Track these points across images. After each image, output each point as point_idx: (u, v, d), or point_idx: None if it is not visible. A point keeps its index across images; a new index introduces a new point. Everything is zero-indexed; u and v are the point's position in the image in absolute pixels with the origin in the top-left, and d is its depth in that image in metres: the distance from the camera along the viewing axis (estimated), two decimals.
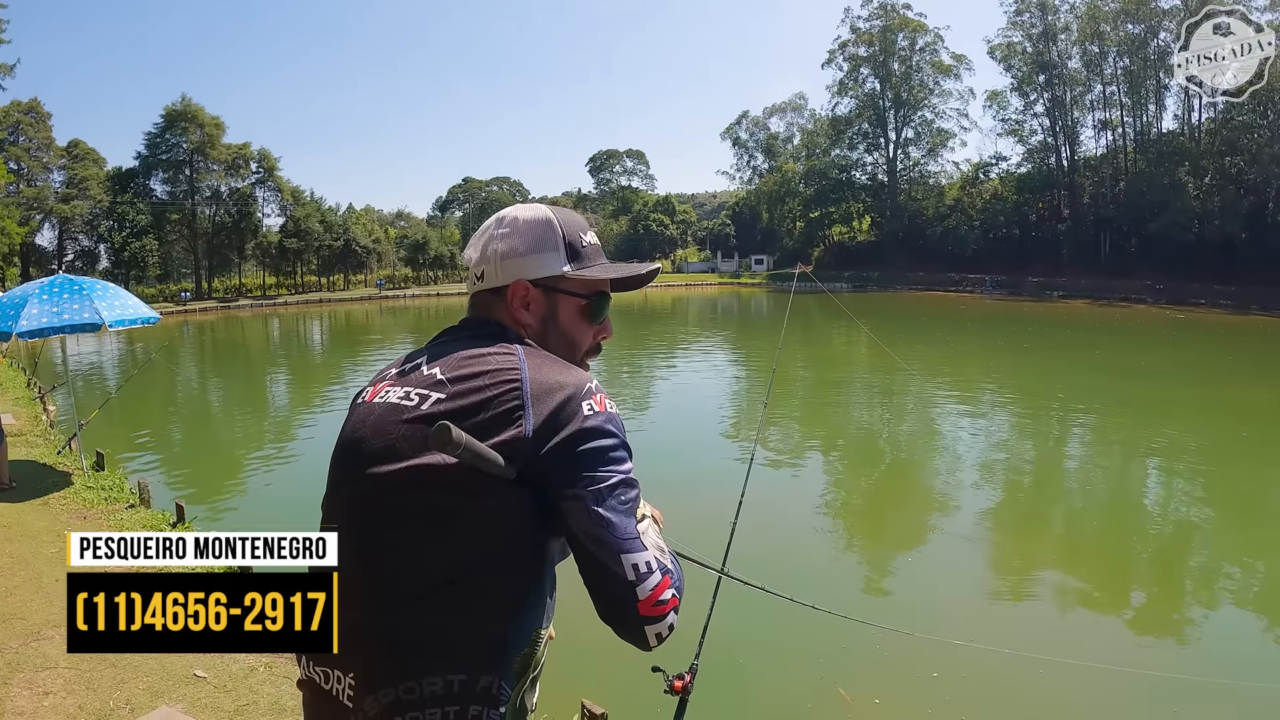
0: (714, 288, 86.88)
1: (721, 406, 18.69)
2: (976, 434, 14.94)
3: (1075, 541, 9.82)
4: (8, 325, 9.61)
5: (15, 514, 8.59)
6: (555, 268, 1.58)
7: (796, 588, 7.87)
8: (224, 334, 51.77)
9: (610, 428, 1.40)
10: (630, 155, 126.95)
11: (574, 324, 1.62)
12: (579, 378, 1.43)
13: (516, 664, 1.37)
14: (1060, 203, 74.25)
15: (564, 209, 1.67)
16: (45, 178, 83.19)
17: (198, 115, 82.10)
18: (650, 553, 1.37)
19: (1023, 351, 28.59)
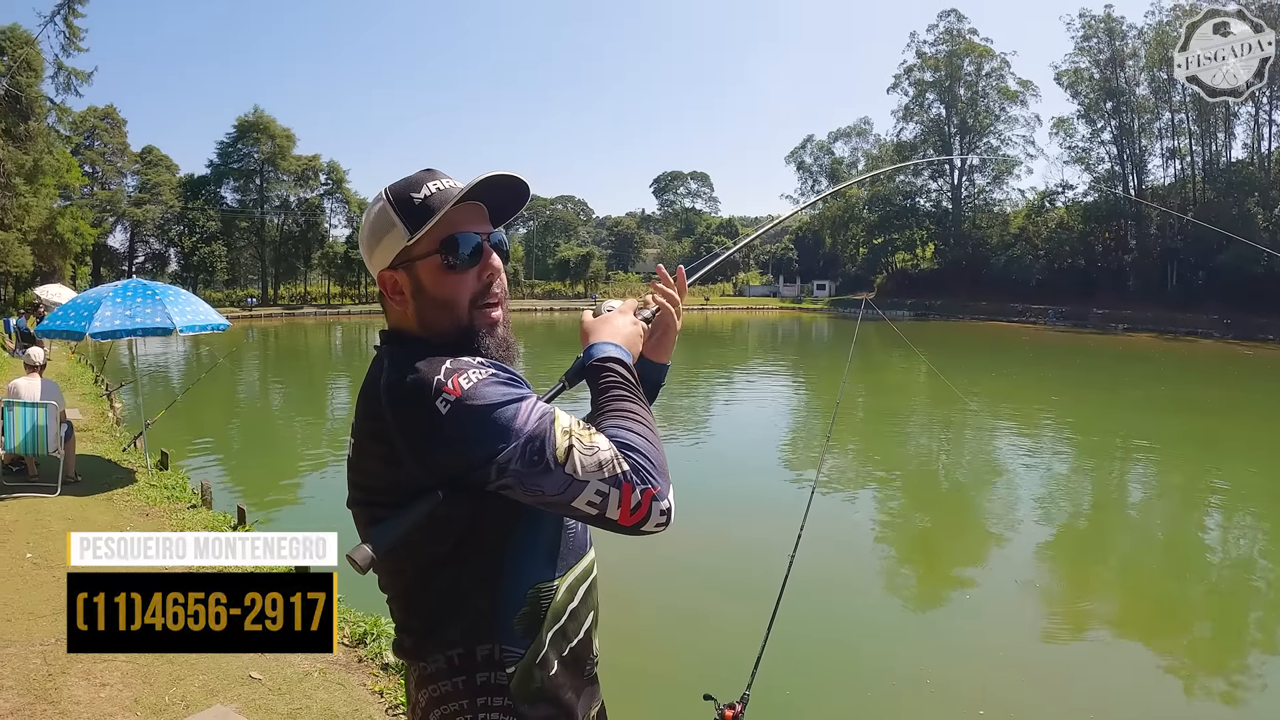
0: (775, 312, 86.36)
1: (780, 435, 18.46)
2: (1035, 469, 14.56)
3: (1133, 587, 9.38)
4: (81, 325, 9.89)
5: (79, 507, 8.78)
6: (399, 242, 1.52)
7: (849, 621, 7.86)
8: (288, 340, 52.60)
9: (473, 404, 1.35)
10: (694, 177, 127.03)
11: (440, 283, 1.52)
12: (427, 375, 1.38)
13: (518, 626, 1.46)
14: (1126, 233, 72.57)
15: (400, 180, 1.59)
16: (119, 182, 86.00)
17: (269, 127, 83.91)
18: (593, 481, 1.33)
19: (1084, 385, 27.96)
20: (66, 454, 9.65)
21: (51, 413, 9.36)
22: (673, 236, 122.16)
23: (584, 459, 1.34)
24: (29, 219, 48.10)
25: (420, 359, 1.41)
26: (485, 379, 1.38)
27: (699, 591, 8.63)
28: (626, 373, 1.56)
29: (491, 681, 1.44)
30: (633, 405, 1.48)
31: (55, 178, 53.29)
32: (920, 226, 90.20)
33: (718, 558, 9.62)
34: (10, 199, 45.77)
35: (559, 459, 1.33)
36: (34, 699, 4.60)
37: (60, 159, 55.19)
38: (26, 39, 46.93)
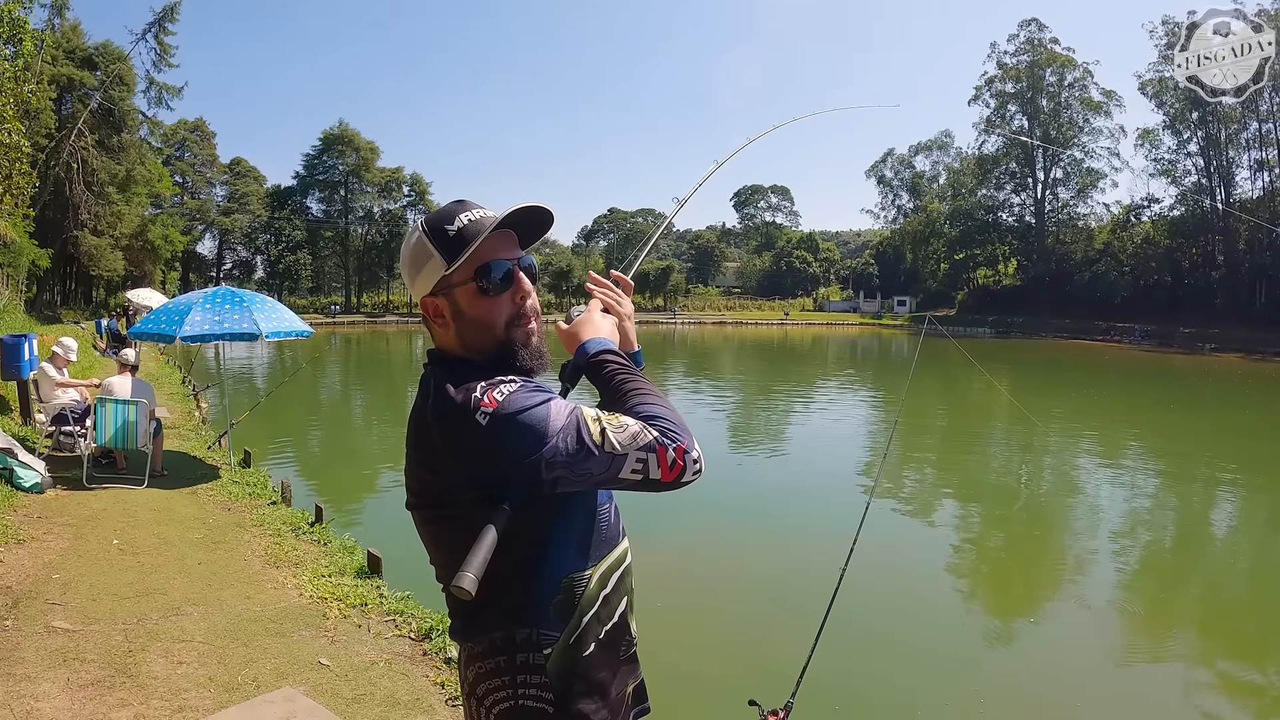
0: (855, 328, 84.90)
1: (851, 451, 18.18)
2: (1114, 495, 13.95)
3: (1211, 621, 8.89)
4: (172, 329, 10.27)
5: (165, 500, 9.11)
6: (437, 271, 1.63)
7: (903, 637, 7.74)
8: (369, 347, 53.53)
9: (509, 412, 1.50)
10: (775, 191, 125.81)
11: (477, 307, 1.65)
12: (465, 394, 1.53)
13: (553, 611, 1.59)
14: (1214, 248, 69.96)
15: (433, 212, 1.71)
16: (208, 192, 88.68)
17: (354, 139, 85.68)
18: (631, 453, 1.50)
19: (1169, 407, 27.07)
20: (154, 449, 10.03)
21: (142, 410, 9.73)
22: (753, 250, 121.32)
23: (618, 436, 1.50)
24: (121, 226, 49.75)
25: (459, 379, 1.56)
26: (516, 390, 1.53)
27: (751, 600, 8.61)
28: (621, 358, 1.73)
29: (530, 661, 1.57)
30: (639, 382, 1.65)
31: (147, 187, 55.08)
32: (1002, 242, 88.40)
33: (773, 568, 9.60)
34: (104, 207, 47.38)
35: (596, 442, 1.49)
36: (114, 672, 4.81)
37: (152, 169, 57.07)
38: (119, 55, 48.62)
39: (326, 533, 8.08)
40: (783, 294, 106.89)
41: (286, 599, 6.15)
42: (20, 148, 15.27)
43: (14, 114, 15.31)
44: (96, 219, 47.15)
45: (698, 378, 35.20)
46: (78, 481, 9.35)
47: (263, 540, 7.74)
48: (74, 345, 11.90)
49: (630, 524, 1.81)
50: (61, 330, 25.14)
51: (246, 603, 6.05)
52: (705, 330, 78.70)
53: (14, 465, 8.87)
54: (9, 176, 15.46)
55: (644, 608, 1.54)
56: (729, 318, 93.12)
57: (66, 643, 5.17)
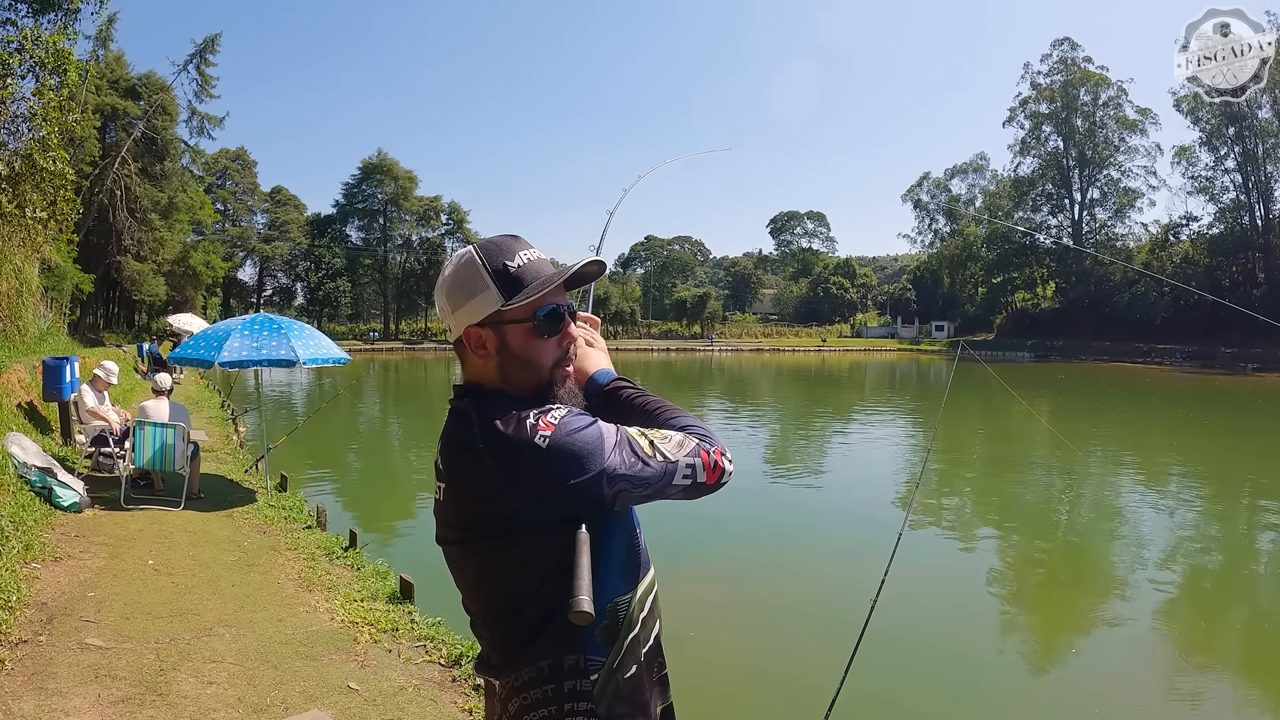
0: (892, 354, 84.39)
1: (887, 477, 17.89)
2: (1157, 523, 13.47)
3: (1259, 659, 8.54)
4: (211, 355, 10.38)
5: (201, 522, 9.19)
6: (491, 305, 1.64)
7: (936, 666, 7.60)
8: (407, 374, 53.87)
9: (568, 434, 1.53)
10: (811, 217, 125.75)
11: (527, 346, 1.67)
12: (519, 421, 1.54)
13: (599, 637, 1.61)
14: (1254, 266, 69.31)
15: (492, 239, 1.73)
16: (249, 219, 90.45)
17: (392, 169, 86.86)
18: (681, 459, 1.59)
19: (1212, 431, 26.51)
20: (191, 472, 10.13)
21: (179, 433, 9.85)
22: (789, 277, 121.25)
23: (665, 446, 1.59)
24: (163, 252, 50.68)
25: (503, 409, 1.58)
26: (567, 415, 1.56)
27: (784, 626, 8.50)
28: (633, 383, 1.83)
29: (578, 688, 1.58)
30: (659, 400, 1.76)
31: (189, 214, 56.06)
32: (1040, 264, 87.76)
33: (807, 594, 9.49)
34: (146, 233, 48.24)
35: (649, 453, 1.57)
36: (144, 690, 4.83)
37: (194, 197, 58.05)
38: (161, 85, 49.63)
39: (360, 557, 8.09)
40: (820, 320, 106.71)
41: (318, 622, 6.16)
42: (65, 175, 15.54)
43: (59, 142, 15.61)
44: (139, 245, 48.00)
45: (736, 404, 35.10)
46: (115, 502, 9.44)
47: (296, 564, 7.77)
48: (115, 369, 12.08)
49: (667, 549, 1.84)
50: (104, 353, 25.54)
51: (278, 625, 6.06)
52: (742, 357, 78.28)
53: (53, 484, 9.00)
54: (54, 203, 15.73)
55: (677, 635, 1.53)
56: (766, 345, 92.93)
57: (99, 660, 5.20)
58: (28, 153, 14.91)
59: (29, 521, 7.76)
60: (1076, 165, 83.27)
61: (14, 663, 5.04)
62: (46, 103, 15.19)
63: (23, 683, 4.79)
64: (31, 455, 9.42)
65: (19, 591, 6.06)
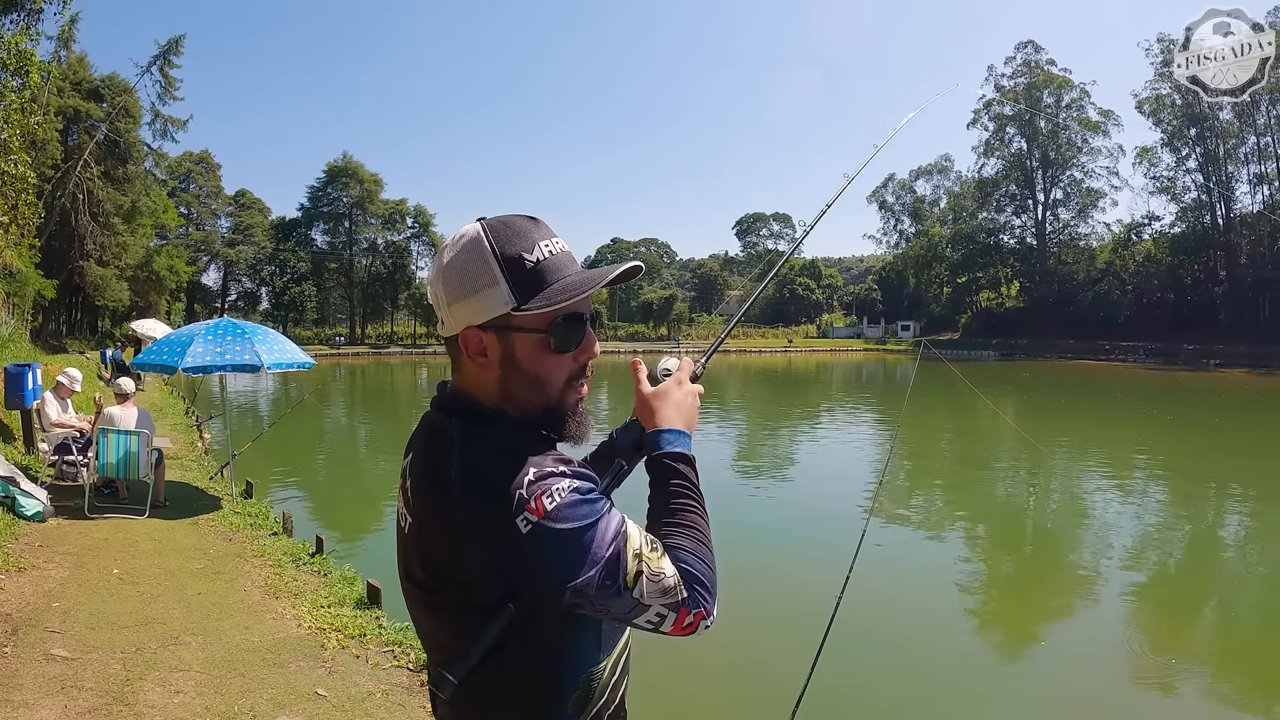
0: (858, 354, 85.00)
1: (853, 476, 17.88)
2: (1123, 517, 13.64)
3: (1225, 648, 8.72)
4: (175, 360, 10.30)
5: (166, 530, 9.12)
6: (499, 306, 1.36)
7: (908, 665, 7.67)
8: (374, 379, 53.55)
9: (555, 529, 1.28)
10: (777, 218, 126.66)
11: (537, 361, 1.41)
12: (508, 484, 1.29)
13: (571, 707, 1.41)
14: (1216, 264, 70.40)
15: (506, 220, 1.43)
16: (213, 223, 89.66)
17: (358, 172, 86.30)
18: (655, 605, 1.35)
19: (1176, 426, 26.93)
20: (156, 479, 10.06)
21: (143, 440, 9.77)
22: (755, 278, 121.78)
23: (650, 585, 1.34)
24: (126, 256, 50.17)
25: (498, 448, 1.34)
26: (567, 501, 1.29)
27: (751, 626, 8.47)
28: (693, 474, 1.53)
29: None
30: (698, 517, 1.48)
31: (152, 218, 55.57)
32: (1004, 264, 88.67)
33: (773, 593, 9.54)
34: (109, 237, 47.74)
35: (628, 584, 1.32)
36: (111, 700, 4.82)
37: (157, 201, 57.56)
38: (125, 87, 49.14)
39: (327, 563, 8.08)
40: (786, 321, 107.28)
41: (285, 629, 6.16)
42: (26, 178, 15.41)
43: (20, 145, 15.46)
44: (102, 249, 47.47)
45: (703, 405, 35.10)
46: (79, 511, 9.35)
47: (263, 571, 7.75)
48: (79, 376, 11.98)
49: None
50: (66, 360, 25.22)
51: (245, 633, 6.05)
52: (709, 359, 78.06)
53: (16, 494, 8.91)
54: (15, 207, 15.60)
55: (642, 636, 1.49)
56: (732, 346, 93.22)
57: (65, 670, 5.18)
58: None
59: None
60: (1040, 166, 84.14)
61: None
62: (8, 105, 15.04)
63: None
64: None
65: None
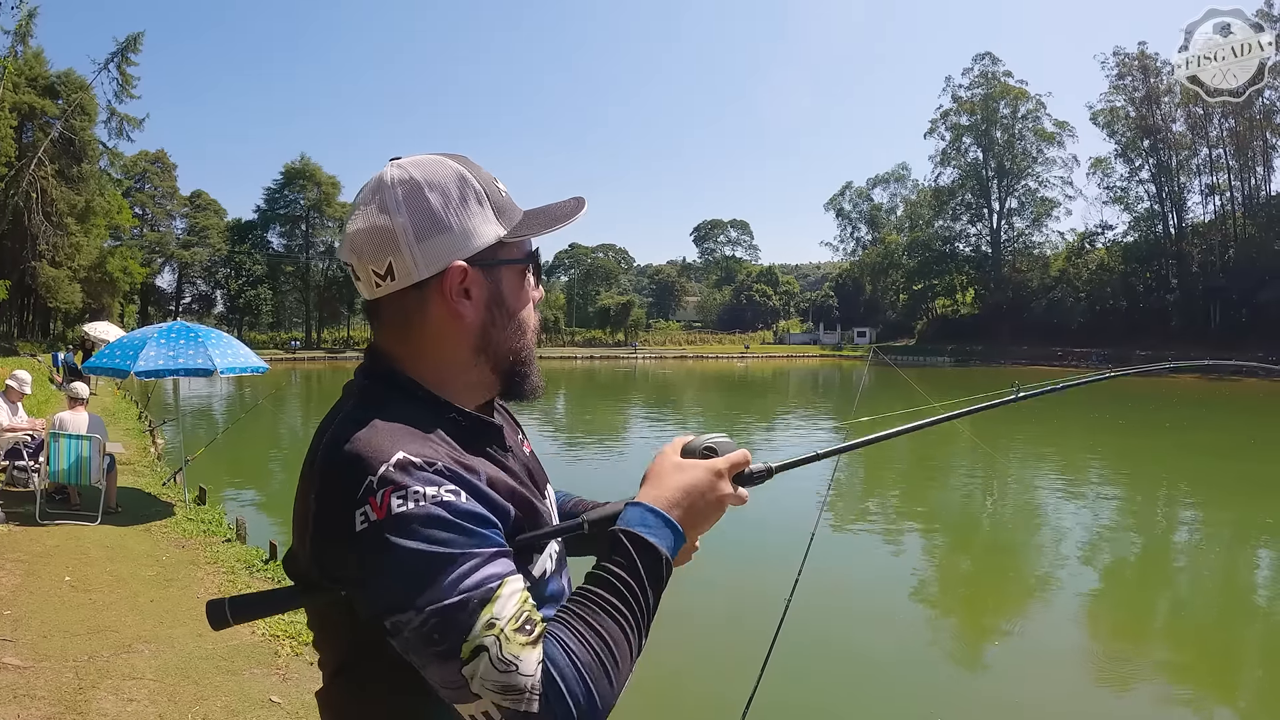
0: (815, 360, 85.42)
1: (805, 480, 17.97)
2: (1076, 519, 13.86)
3: (1178, 645, 8.87)
4: (127, 364, 10.23)
5: (118, 537, 9.03)
6: (490, 233, 1.19)
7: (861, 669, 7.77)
8: (330, 384, 52.95)
9: (389, 541, 1.01)
10: (734, 225, 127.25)
11: (521, 299, 1.26)
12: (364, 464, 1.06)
13: None
14: (1168, 272, 72.11)
15: (456, 156, 1.27)
16: (168, 224, 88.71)
17: (315, 174, 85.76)
18: (486, 699, 0.99)
19: (1126, 430, 27.43)
20: (108, 485, 9.94)
21: (95, 445, 9.66)
22: (713, 284, 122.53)
23: (490, 671, 0.98)
24: (79, 257, 49.52)
25: (383, 423, 1.13)
26: (423, 511, 1.02)
27: (701, 630, 8.57)
28: (652, 576, 1.17)
29: None
30: (620, 628, 1.11)
31: (106, 218, 54.88)
32: (960, 271, 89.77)
33: (724, 596, 9.60)
34: (62, 238, 47.10)
35: (462, 655, 0.99)
36: (64, 709, 4.81)
37: (111, 201, 56.84)
38: (81, 84, 48.53)
39: (280, 570, 8.04)
40: (743, 327, 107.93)
41: (238, 636, 6.13)
42: None
43: None
44: (55, 250, 46.82)
45: (659, 410, 35.38)
46: (30, 517, 9.25)
47: (216, 578, 7.71)
48: (28, 378, 11.81)
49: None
50: (17, 363, 24.85)
51: (198, 640, 6.03)
52: (666, 365, 78.84)
53: None
54: None
55: None
56: (689, 352, 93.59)
57: (16, 679, 5.16)
58: None
59: None
60: (996, 175, 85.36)
61: None
62: None
63: None
64: None
65: None
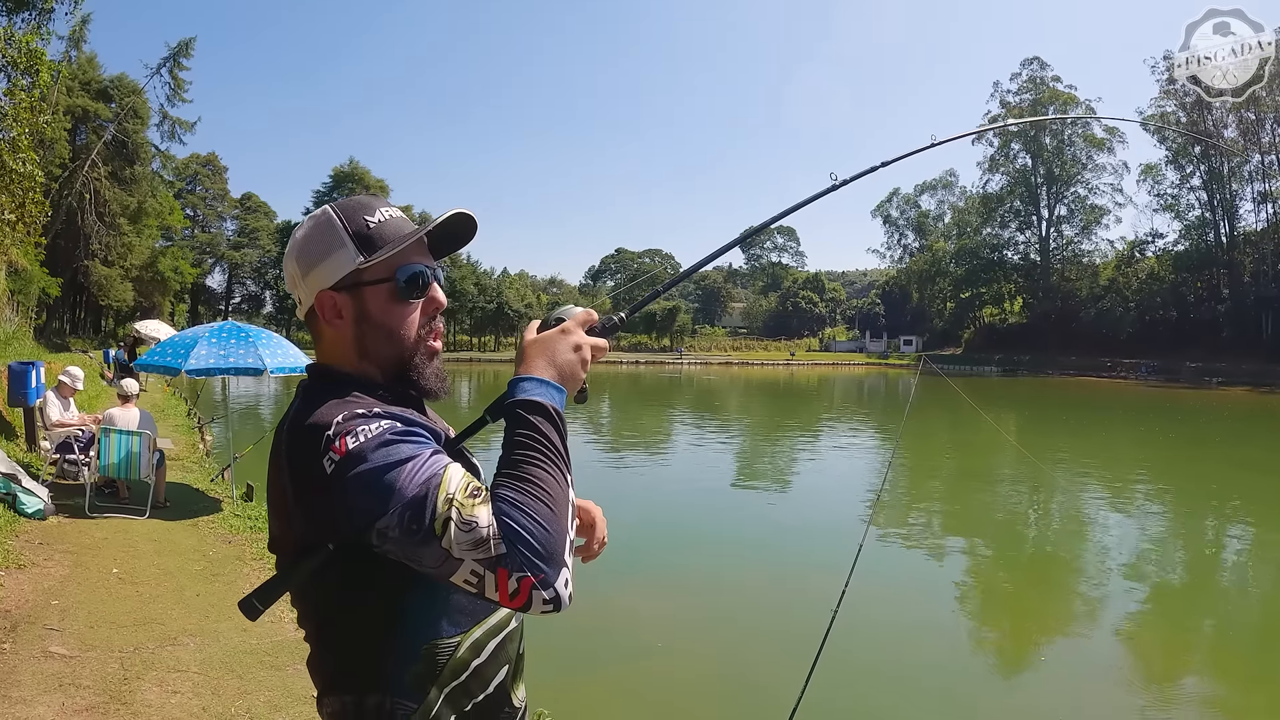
0: (860, 368, 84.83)
1: (852, 489, 17.65)
2: (1123, 535, 13.57)
3: (1224, 666, 8.60)
4: (178, 362, 10.34)
5: (166, 531, 9.14)
6: (347, 264, 1.46)
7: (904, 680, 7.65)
8: None
9: (356, 467, 1.27)
10: (781, 231, 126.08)
11: (387, 312, 1.48)
12: (319, 429, 1.32)
13: (410, 680, 1.39)
14: (1219, 282, 70.55)
15: (347, 200, 1.54)
16: (219, 225, 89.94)
17: (364, 177, 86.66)
18: (468, 560, 1.22)
19: (1175, 443, 26.91)
20: (157, 480, 10.07)
21: (145, 441, 9.79)
22: (759, 291, 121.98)
23: (460, 534, 1.22)
24: (131, 257, 50.33)
25: (325, 403, 1.37)
26: (374, 439, 1.29)
27: (749, 637, 8.54)
28: (547, 424, 1.36)
29: None
30: (539, 470, 1.30)
31: (158, 219, 55.75)
32: (1008, 280, 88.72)
33: (772, 605, 9.54)
34: (114, 238, 47.85)
35: (436, 530, 1.22)
36: (109, 699, 4.84)
37: (163, 202, 57.75)
38: (134, 89, 49.28)
39: None
40: (789, 334, 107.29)
41: (283, 632, 6.16)
42: (34, 177, 15.43)
43: (29, 144, 15.50)
44: (107, 249, 47.58)
45: (704, 417, 35.25)
46: (80, 510, 9.38)
47: (262, 574, 7.72)
48: (81, 374, 12.00)
49: (634, 561, 1.50)
50: (69, 359, 25.25)
51: (243, 635, 6.06)
52: (711, 370, 78.72)
53: (17, 491, 8.94)
54: (23, 205, 15.62)
55: (645, 647, 1.37)
56: (735, 358, 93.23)
57: (63, 668, 5.20)
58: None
59: None
60: (1044, 182, 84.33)
61: None
62: (17, 103, 15.10)
63: None
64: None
65: None
